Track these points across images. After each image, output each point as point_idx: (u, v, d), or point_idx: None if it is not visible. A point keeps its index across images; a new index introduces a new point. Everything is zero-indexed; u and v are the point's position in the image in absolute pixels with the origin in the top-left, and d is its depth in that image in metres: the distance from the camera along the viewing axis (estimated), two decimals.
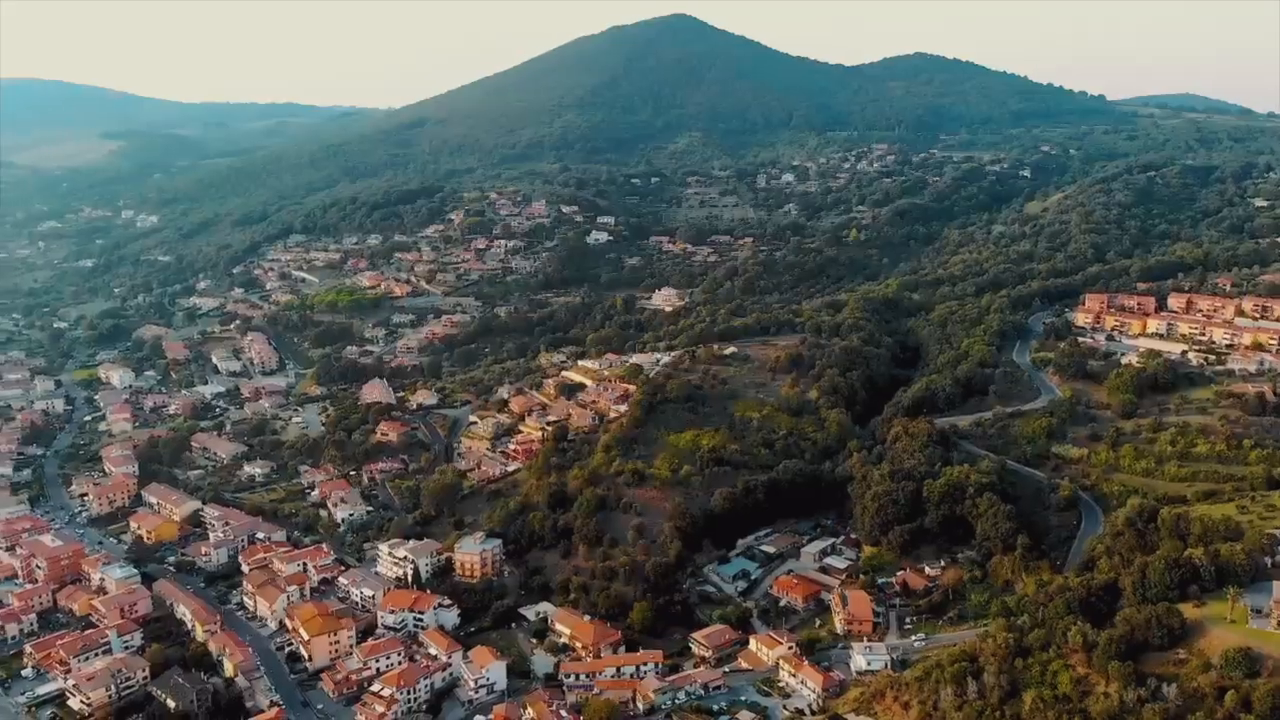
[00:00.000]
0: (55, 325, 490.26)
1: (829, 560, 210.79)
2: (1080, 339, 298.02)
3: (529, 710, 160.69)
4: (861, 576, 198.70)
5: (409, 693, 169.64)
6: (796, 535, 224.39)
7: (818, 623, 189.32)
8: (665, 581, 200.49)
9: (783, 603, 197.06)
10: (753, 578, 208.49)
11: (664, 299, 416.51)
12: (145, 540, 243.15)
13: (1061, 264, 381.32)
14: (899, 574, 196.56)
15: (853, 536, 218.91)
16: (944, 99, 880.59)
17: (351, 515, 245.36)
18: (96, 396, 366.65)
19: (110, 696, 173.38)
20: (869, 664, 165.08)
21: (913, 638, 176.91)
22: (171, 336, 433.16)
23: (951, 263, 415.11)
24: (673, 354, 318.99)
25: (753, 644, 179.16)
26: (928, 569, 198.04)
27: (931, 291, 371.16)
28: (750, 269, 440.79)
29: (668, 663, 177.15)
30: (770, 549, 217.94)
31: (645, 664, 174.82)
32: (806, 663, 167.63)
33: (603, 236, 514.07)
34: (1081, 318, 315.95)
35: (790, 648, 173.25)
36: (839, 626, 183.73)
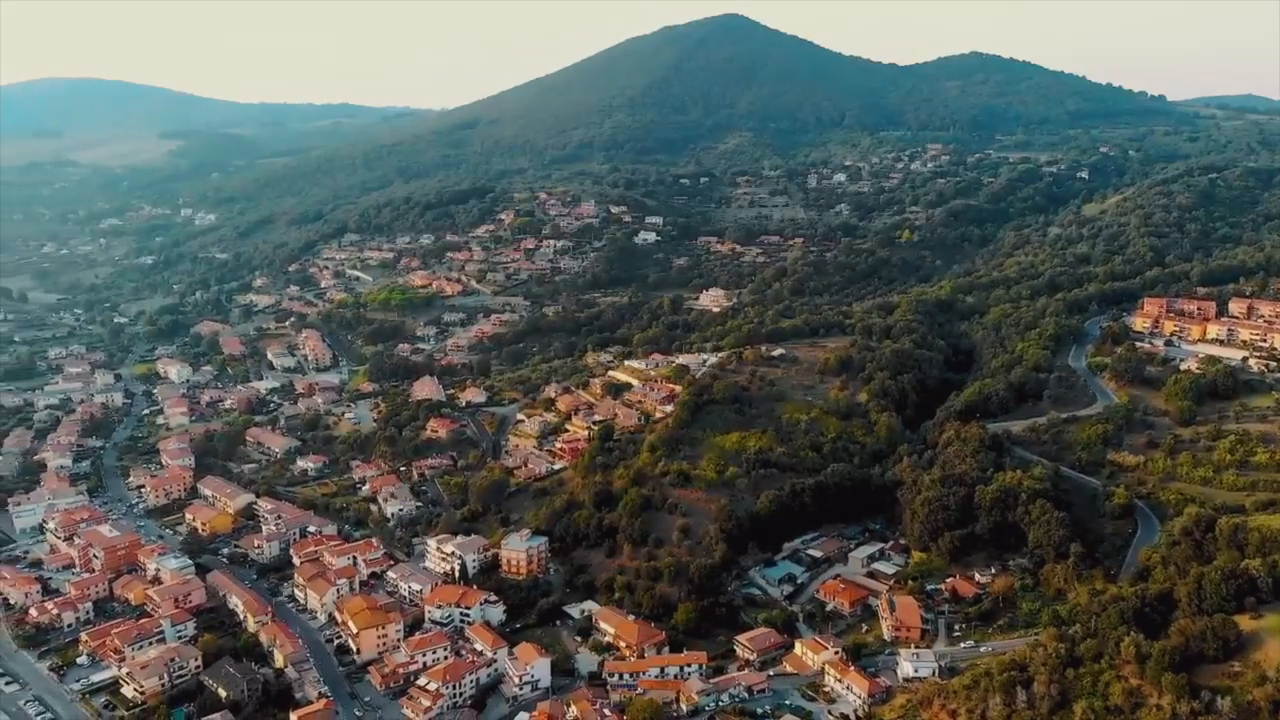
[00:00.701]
0: (116, 320, 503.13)
1: (877, 565, 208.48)
2: (1138, 344, 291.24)
3: (572, 708, 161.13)
4: (910, 582, 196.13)
5: (454, 687, 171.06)
6: (844, 540, 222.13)
7: (864, 628, 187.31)
8: (710, 583, 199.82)
9: (829, 607, 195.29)
10: (799, 581, 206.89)
11: (711, 299, 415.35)
12: (200, 532, 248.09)
13: (1119, 267, 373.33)
14: (948, 580, 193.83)
15: (901, 542, 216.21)
16: (1000, 99, 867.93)
17: (401, 510, 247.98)
18: (155, 390, 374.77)
19: (163, 685, 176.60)
20: (916, 671, 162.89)
21: (961, 645, 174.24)
22: (228, 332, 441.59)
23: (1006, 265, 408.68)
24: (720, 355, 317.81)
25: (798, 648, 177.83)
26: (978, 576, 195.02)
27: (986, 294, 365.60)
28: (800, 270, 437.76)
29: (712, 664, 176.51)
30: (817, 553, 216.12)
31: (689, 665, 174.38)
32: (852, 668, 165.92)
33: (651, 236, 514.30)
34: (1139, 322, 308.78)
35: (836, 652, 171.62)
36: (886, 632, 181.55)
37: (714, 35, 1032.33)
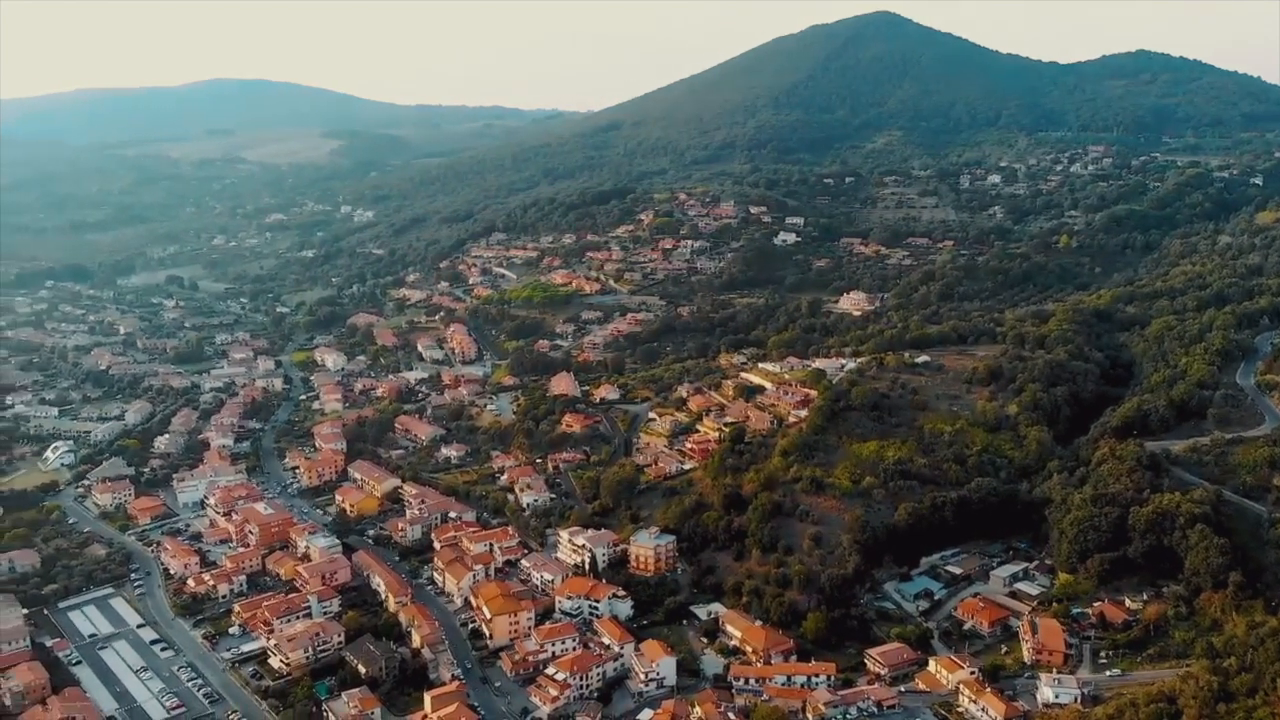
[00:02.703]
0: (278, 310, 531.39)
1: (1020, 585, 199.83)
2: None
3: (697, 709, 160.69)
4: (1054, 605, 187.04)
5: (582, 679, 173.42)
6: (986, 557, 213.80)
7: (1004, 650, 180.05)
8: (841, 594, 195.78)
9: (966, 626, 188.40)
10: (936, 598, 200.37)
11: (852, 303, 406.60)
12: (348, 513, 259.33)
13: None
14: (1096, 605, 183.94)
15: (1047, 562, 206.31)
16: (1167, 99, 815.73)
17: (536, 501, 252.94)
18: (312, 377, 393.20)
19: (307, 658, 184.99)
20: (1057, 697, 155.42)
21: (1107, 673, 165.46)
22: (381, 325, 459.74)
23: (1171, 274, 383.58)
24: (859, 360, 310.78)
25: (932, 665, 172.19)
26: (1128, 601, 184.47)
27: (1148, 305, 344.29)
28: (949, 273, 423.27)
29: (840, 676, 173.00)
30: (957, 569, 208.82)
31: (817, 675, 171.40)
32: (989, 690, 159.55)
33: (790, 237, 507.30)
34: None
35: (972, 672, 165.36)
36: (1027, 655, 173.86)
37: (864, 33, 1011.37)
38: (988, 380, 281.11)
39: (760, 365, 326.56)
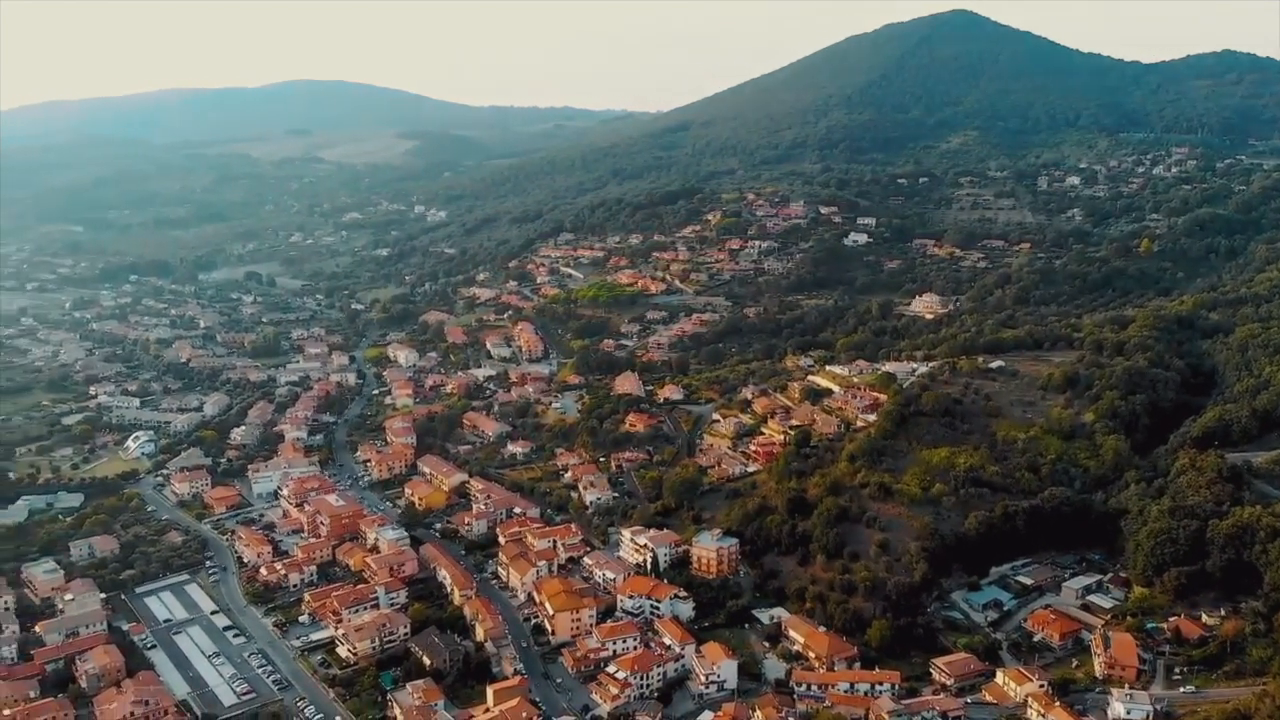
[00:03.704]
0: (353, 307, 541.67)
1: (1093, 598, 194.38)
2: None
3: (758, 713, 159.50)
4: (1128, 618, 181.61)
5: (642, 678, 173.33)
6: (1058, 568, 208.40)
7: (1074, 663, 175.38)
8: (908, 602, 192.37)
9: (1036, 638, 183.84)
10: (1005, 609, 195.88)
11: (924, 305, 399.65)
12: (416, 506, 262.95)
13: None
14: (1171, 619, 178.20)
15: (1122, 575, 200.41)
16: (1254, 100, 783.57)
17: (599, 499, 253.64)
18: (384, 373, 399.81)
19: (374, 648, 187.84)
20: (1128, 713, 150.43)
21: (1181, 690, 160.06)
22: (452, 322, 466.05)
23: (1257, 281, 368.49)
24: (931, 364, 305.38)
25: (999, 677, 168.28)
26: (1205, 617, 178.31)
27: (1232, 311, 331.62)
28: (1025, 277, 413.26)
29: (905, 685, 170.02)
30: (1027, 580, 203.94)
31: (881, 683, 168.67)
32: (1058, 703, 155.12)
33: (861, 238, 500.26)
34: None
35: (1041, 685, 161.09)
36: (1098, 670, 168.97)
37: (939, 32, 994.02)
38: (1064, 387, 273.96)
39: (828, 368, 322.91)
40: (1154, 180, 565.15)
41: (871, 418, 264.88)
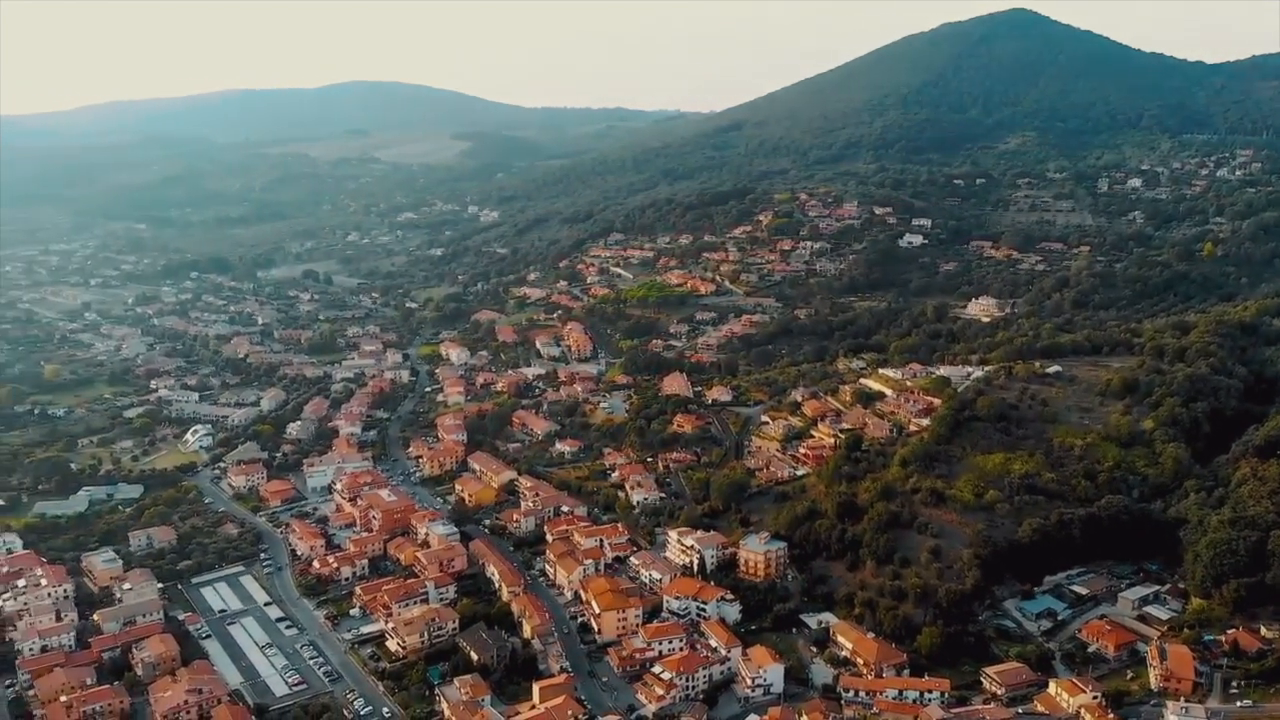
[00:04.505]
0: (407, 305, 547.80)
1: (1149, 609, 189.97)
2: None
3: (804, 718, 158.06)
4: (1185, 630, 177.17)
5: (688, 679, 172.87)
6: (1114, 578, 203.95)
7: (1129, 675, 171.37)
8: (959, 610, 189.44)
9: (1090, 649, 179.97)
10: (1059, 618, 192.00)
11: (981, 309, 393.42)
12: (466, 502, 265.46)
13: None
14: (1230, 632, 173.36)
15: (1180, 586, 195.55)
16: None
17: (645, 499, 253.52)
18: (436, 370, 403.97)
19: (423, 642, 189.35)
20: None
21: (1237, 704, 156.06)
22: (503, 321, 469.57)
23: None
24: (986, 368, 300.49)
25: (1052, 687, 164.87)
26: (1264, 630, 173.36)
27: None
28: (1084, 281, 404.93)
29: (954, 694, 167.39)
30: (1082, 590, 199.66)
31: (930, 691, 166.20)
32: (1112, 716, 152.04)
33: (916, 240, 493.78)
34: None
35: (1095, 697, 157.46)
36: (1153, 682, 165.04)
37: (998, 31, 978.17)
38: (1123, 393, 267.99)
39: (880, 371, 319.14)
40: (1218, 183, 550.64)
41: (925, 422, 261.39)
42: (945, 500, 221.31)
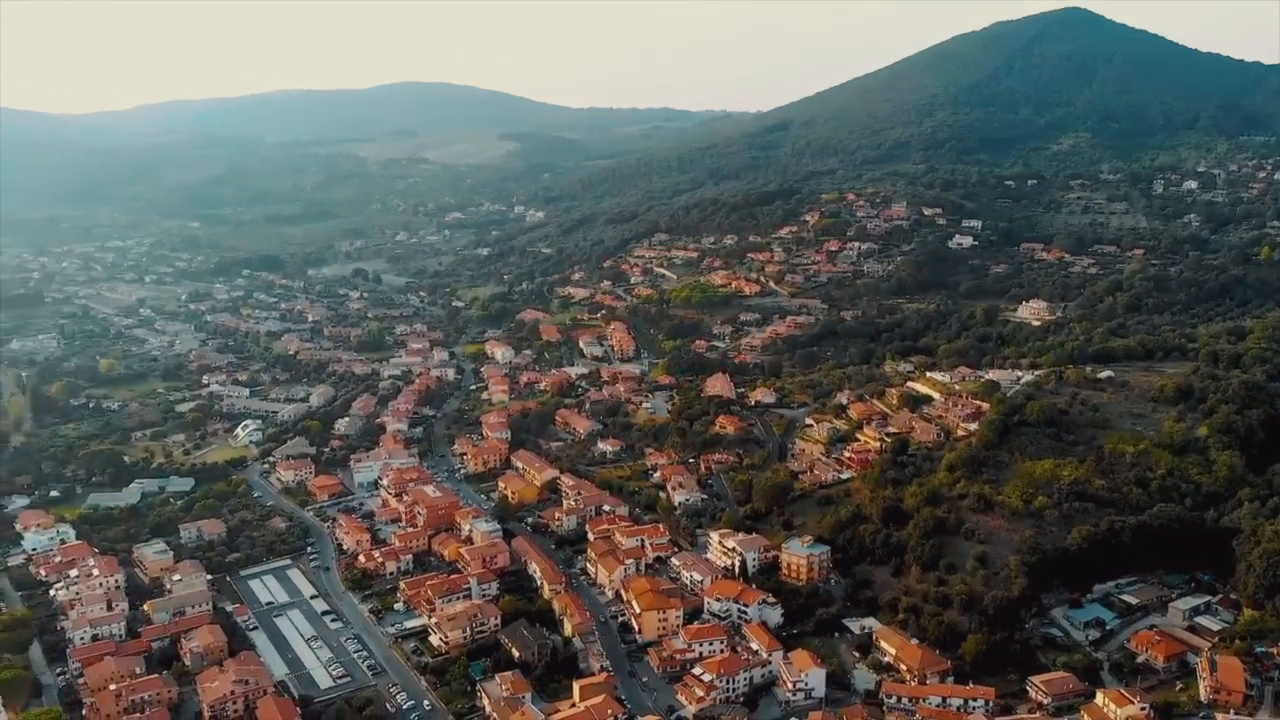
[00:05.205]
0: (454, 304, 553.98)
1: (1200, 620, 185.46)
2: None
3: None
4: (1237, 642, 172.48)
5: (729, 681, 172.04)
6: (1165, 588, 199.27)
7: (1178, 686, 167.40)
8: (1005, 617, 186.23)
9: (1139, 659, 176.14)
10: (1108, 628, 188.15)
11: (1032, 312, 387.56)
12: (509, 500, 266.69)
13: None
14: None
15: (1232, 597, 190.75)
16: None
17: (687, 500, 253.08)
18: (481, 369, 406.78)
19: (465, 638, 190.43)
20: None
21: None
22: (547, 321, 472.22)
23: None
24: (1037, 373, 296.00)
25: (1099, 698, 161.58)
26: None
27: None
28: (1138, 284, 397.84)
29: (999, 702, 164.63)
30: (1132, 599, 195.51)
31: (975, 699, 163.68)
32: None
33: (966, 241, 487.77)
34: None
35: (1143, 708, 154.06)
36: (1203, 694, 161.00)
37: (1051, 30, 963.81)
38: (1176, 399, 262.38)
39: (928, 374, 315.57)
40: (1276, 185, 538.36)
41: (973, 427, 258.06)
42: (993, 506, 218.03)
